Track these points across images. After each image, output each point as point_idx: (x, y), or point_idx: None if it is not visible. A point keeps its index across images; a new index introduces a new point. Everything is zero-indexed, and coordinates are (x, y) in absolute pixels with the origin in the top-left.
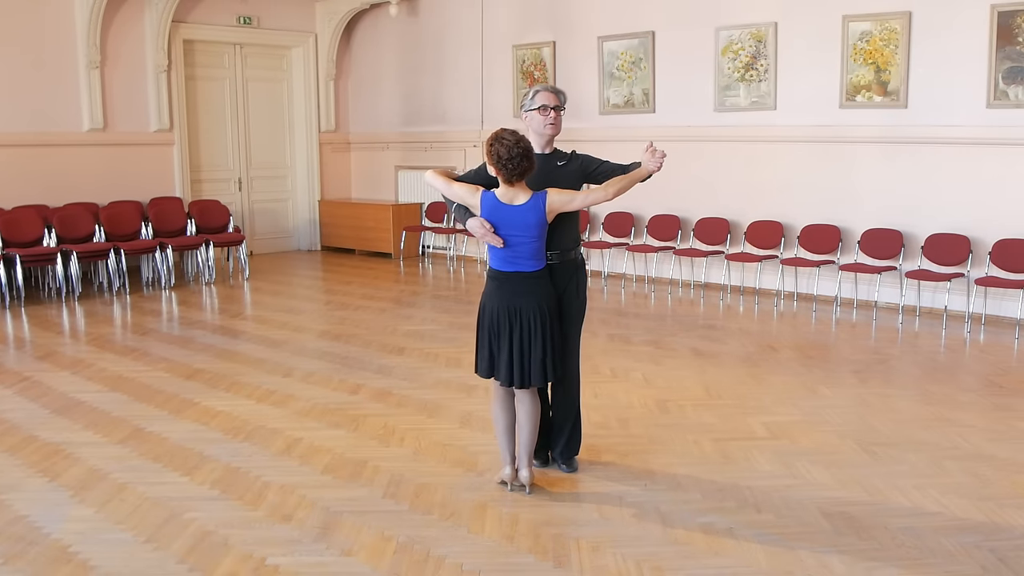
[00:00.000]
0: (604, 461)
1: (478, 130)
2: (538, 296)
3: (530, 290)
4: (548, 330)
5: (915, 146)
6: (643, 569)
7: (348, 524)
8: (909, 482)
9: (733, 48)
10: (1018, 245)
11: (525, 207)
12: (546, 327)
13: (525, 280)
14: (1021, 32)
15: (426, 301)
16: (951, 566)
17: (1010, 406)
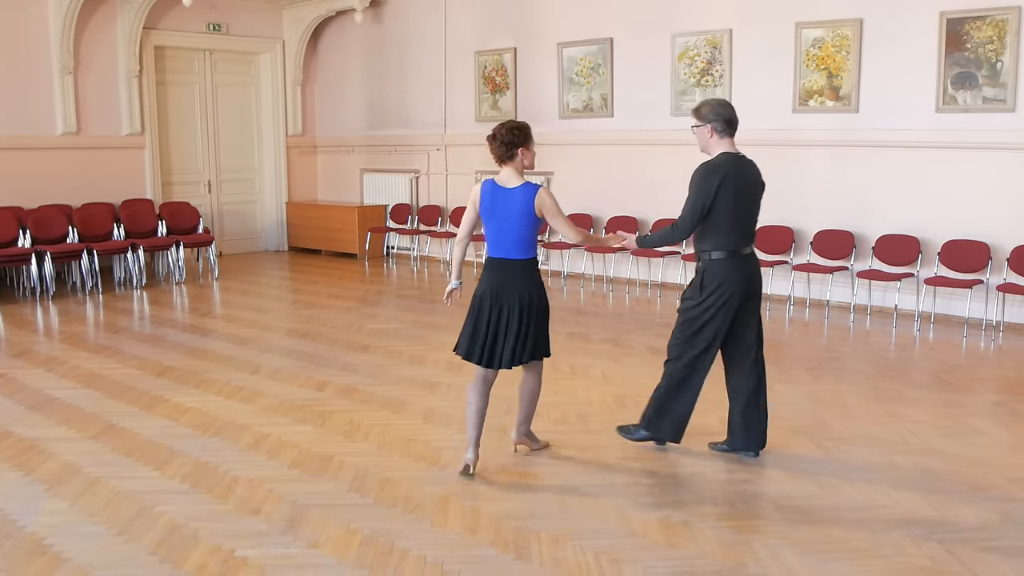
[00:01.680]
0: (564, 456)
1: (441, 134)
2: (519, 285)
3: (512, 279)
4: (523, 319)
5: (866, 149)
6: (601, 561)
7: (315, 517)
8: (860, 476)
9: (689, 54)
10: (966, 246)
11: (515, 191)
12: (522, 316)
13: (510, 268)
14: (969, 39)
15: (390, 300)
16: (901, 557)
17: (958, 402)
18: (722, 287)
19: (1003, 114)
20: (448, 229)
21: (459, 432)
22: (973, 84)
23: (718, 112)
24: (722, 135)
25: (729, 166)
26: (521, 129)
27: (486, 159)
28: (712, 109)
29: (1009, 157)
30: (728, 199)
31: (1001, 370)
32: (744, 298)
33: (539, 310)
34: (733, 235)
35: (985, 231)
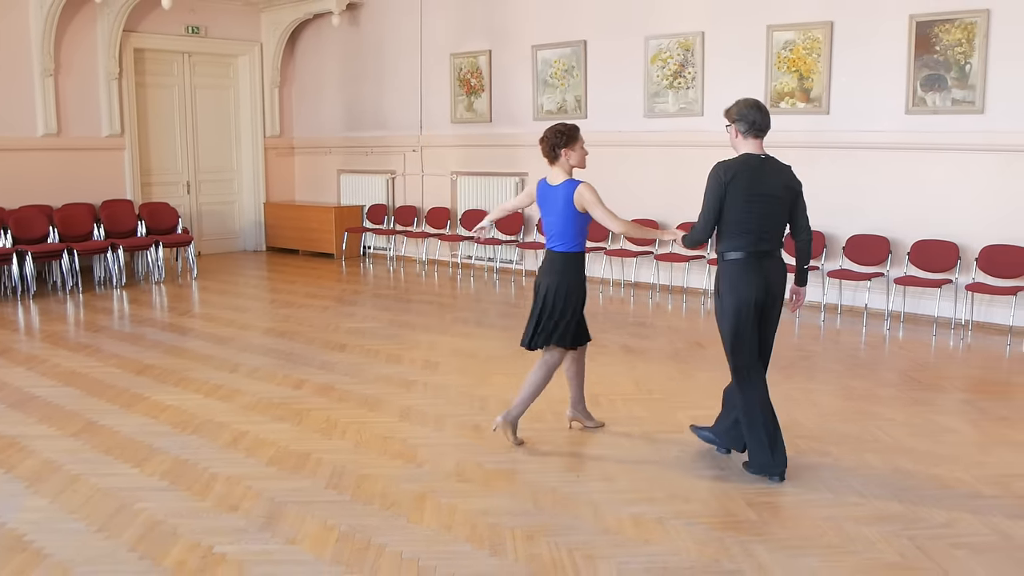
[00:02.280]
0: (539, 453)
1: (417, 135)
2: (553, 274)
3: (551, 268)
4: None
5: (837, 151)
6: (575, 557)
7: (292, 514)
8: (831, 473)
9: (662, 56)
10: (935, 246)
11: (559, 188)
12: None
13: (552, 258)
14: (939, 41)
15: (367, 300)
16: (871, 554)
17: (928, 400)
18: (734, 291)
19: (972, 116)
20: (424, 229)
21: (436, 430)
22: (942, 86)
23: (742, 113)
24: (746, 136)
25: (742, 166)
26: (564, 132)
27: (462, 160)
28: (738, 110)
29: (978, 158)
30: (738, 200)
31: (970, 369)
32: (761, 303)
33: (564, 300)
34: (747, 237)
35: (954, 231)
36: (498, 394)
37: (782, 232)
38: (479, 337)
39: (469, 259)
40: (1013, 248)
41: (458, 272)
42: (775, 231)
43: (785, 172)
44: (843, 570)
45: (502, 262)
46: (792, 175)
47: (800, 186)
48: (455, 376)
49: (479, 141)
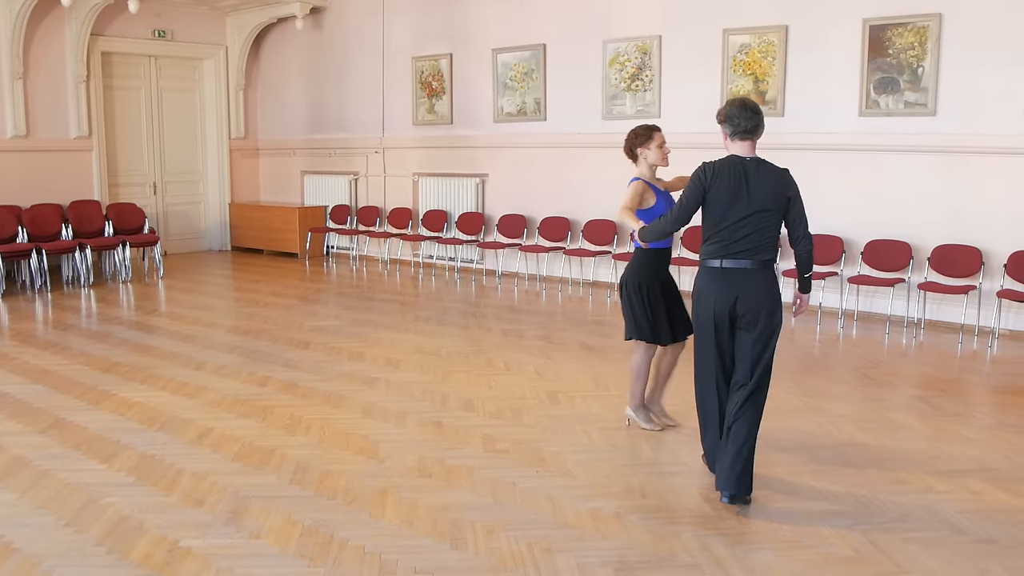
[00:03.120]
0: (498, 449)
1: (379, 137)
2: (627, 271)
3: (629, 264)
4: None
5: (791, 152)
6: (534, 551)
7: (257, 509)
8: (785, 469)
9: (620, 60)
10: (888, 246)
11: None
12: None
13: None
14: (891, 45)
15: (330, 298)
16: (825, 548)
17: (880, 397)
18: (697, 299)
19: (924, 118)
20: (386, 229)
21: (397, 426)
22: (895, 89)
23: (728, 114)
24: (733, 138)
25: (726, 169)
26: (639, 132)
27: (423, 161)
28: (726, 111)
29: (930, 160)
30: (720, 205)
31: (922, 366)
32: (723, 317)
33: (635, 294)
34: (723, 246)
35: (906, 231)
36: (459, 391)
37: (770, 243)
38: (440, 335)
39: (430, 258)
40: (964, 248)
41: (419, 271)
42: (760, 242)
43: (777, 177)
44: (797, 564)
45: (463, 261)
46: (786, 180)
47: (795, 191)
48: (416, 373)
49: (440, 143)
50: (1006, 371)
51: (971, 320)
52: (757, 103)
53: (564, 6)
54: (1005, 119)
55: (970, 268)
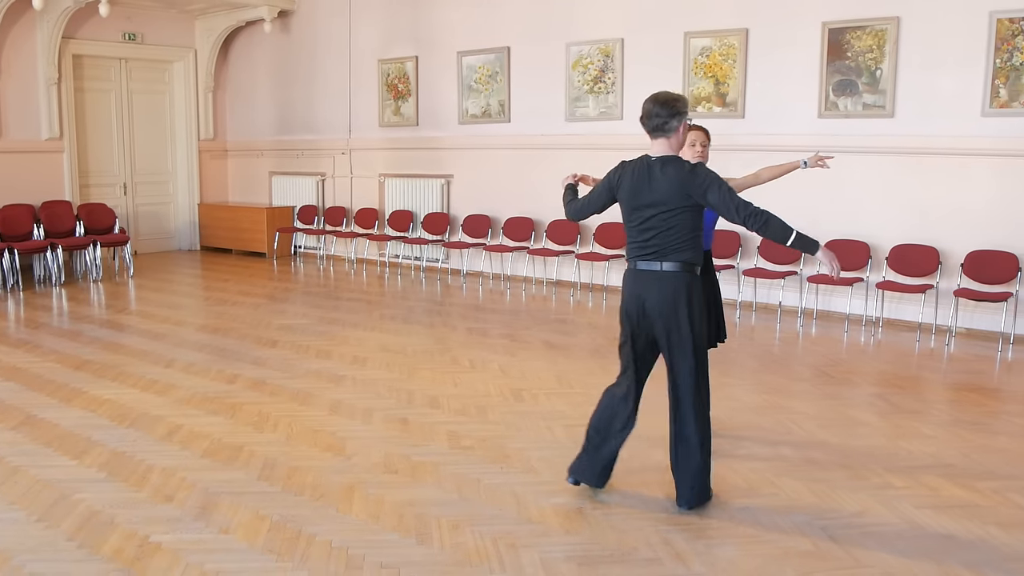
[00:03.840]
0: (463, 446)
1: (346, 138)
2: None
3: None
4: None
5: (751, 154)
6: (499, 546)
7: (225, 504)
8: (746, 465)
9: (583, 62)
10: (847, 246)
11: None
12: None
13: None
14: (850, 48)
15: (298, 297)
16: (785, 543)
17: (839, 395)
18: (621, 298)
19: (882, 119)
20: (353, 229)
21: (364, 423)
22: (854, 91)
23: (641, 113)
24: (649, 135)
25: (632, 169)
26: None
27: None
28: (641, 109)
29: (888, 160)
30: (624, 206)
31: (880, 364)
32: (636, 319)
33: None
34: (631, 244)
35: (865, 231)
36: (424, 388)
37: (681, 244)
38: (406, 333)
39: (396, 258)
40: (922, 247)
41: (386, 271)
42: (667, 243)
43: (681, 176)
44: (757, 559)
45: (428, 261)
46: (692, 177)
47: (706, 184)
48: (383, 371)
49: (406, 144)
50: (963, 369)
51: (928, 319)
52: (676, 97)
53: (528, 9)
54: (962, 120)
55: (927, 267)
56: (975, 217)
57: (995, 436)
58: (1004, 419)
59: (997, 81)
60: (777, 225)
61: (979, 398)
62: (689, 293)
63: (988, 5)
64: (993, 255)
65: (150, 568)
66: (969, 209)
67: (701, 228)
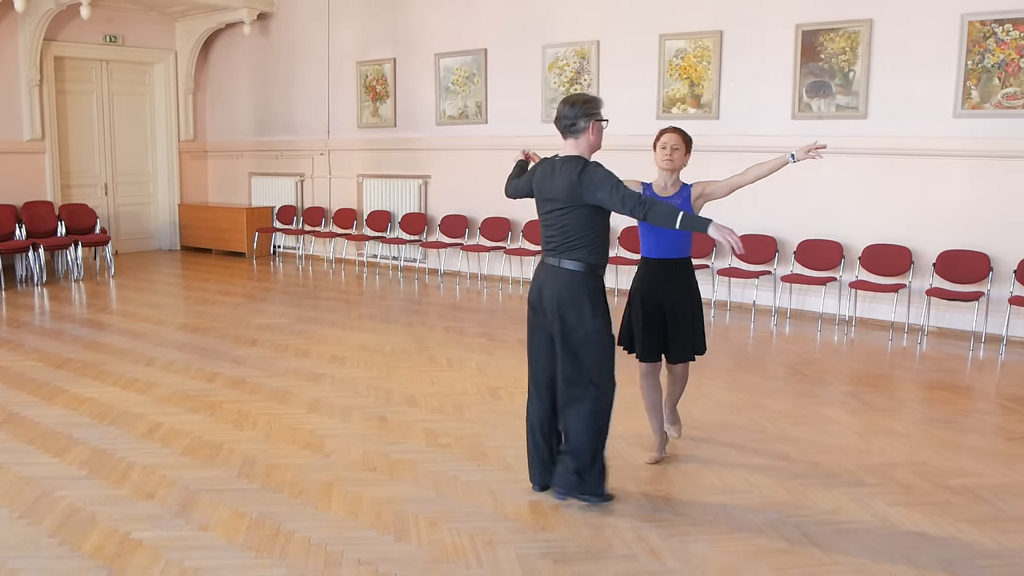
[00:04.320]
0: (441, 443)
1: (324, 139)
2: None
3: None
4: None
5: (726, 155)
6: (476, 542)
7: (205, 501)
8: (720, 463)
9: (559, 64)
10: (820, 245)
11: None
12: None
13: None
14: (823, 50)
15: (277, 297)
16: (758, 540)
17: (812, 393)
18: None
19: (855, 121)
20: (331, 229)
21: (342, 421)
22: (827, 92)
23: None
24: (561, 136)
25: (543, 164)
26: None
27: (367, 163)
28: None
29: (861, 161)
30: (536, 202)
31: (853, 362)
32: (536, 311)
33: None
34: (541, 239)
35: (838, 231)
36: (402, 387)
37: (575, 241)
38: (384, 332)
39: (375, 258)
40: (894, 247)
41: (364, 270)
42: (563, 240)
43: (572, 175)
44: (731, 556)
45: (406, 261)
46: (581, 176)
47: (594, 183)
48: (361, 370)
49: (384, 145)
50: (935, 367)
51: (901, 318)
52: (586, 99)
53: (505, 12)
54: (934, 121)
55: (900, 267)
56: (947, 217)
57: (966, 434)
58: (975, 417)
59: (969, 83)
60: (662, 210)
61: (951, 396)
62: (587, 292)
63: (960, 7)
64: (965, 255)
65: (130, 565)
66: (941, 209)
67: (601, 228)
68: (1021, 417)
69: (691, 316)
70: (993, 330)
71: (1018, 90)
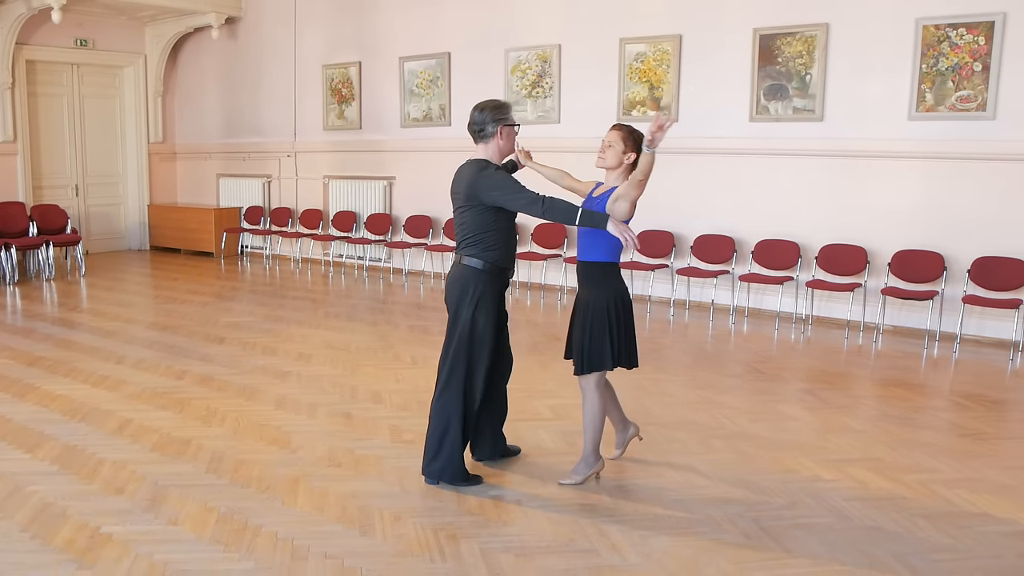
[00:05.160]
0: (405, 439)
1: (291, 141)
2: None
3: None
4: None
5: (685, 156)
6: (439, 537)
7: (174, 496)
8: (680, 459)
9: (521, 67)
10: (777, 245)
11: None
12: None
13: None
14: (781, 53)
15: (244, 296)
16: (718, 534)
17: (770, 390)
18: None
19: (811, 123)
20: (298, 229)
21: (309, 417)
22: (784, 95)
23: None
24: (473, 140)
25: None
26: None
27: (333, 165)
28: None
29: (817, 163)
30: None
31: (809, 360)
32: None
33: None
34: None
35: (795, 231)
36: (367, 384)
37: (470, 239)
38: (350, 331)
39: (340, 258)
40: (850, 247)
41: (330, 270)
42: (462, 237)
43: (470, 176)
44: (690, 549)
45: (371, 260)
46: (477, 178)
47: (489, 184)
48: (327, 367)
49: (350, 147)
50: (890, 365)
51: (857, 316)
52: (495, 105)
53: (468, 16)
54: (889, 124)
55: (855, 267)
56: (902, 218)
57: (921, 430)
58: (929, 414)
59: (923, 86)
60: (560, 207)
61: (905, 393)
62: (474, 289)
63: (915, 12)
64: (919, 255)
65: (101, 558)
66: (896, 210)
67: (501, 229)
68: (974, 414)
69: (580, 326)
70: (947, 328)
71: (971, 93)
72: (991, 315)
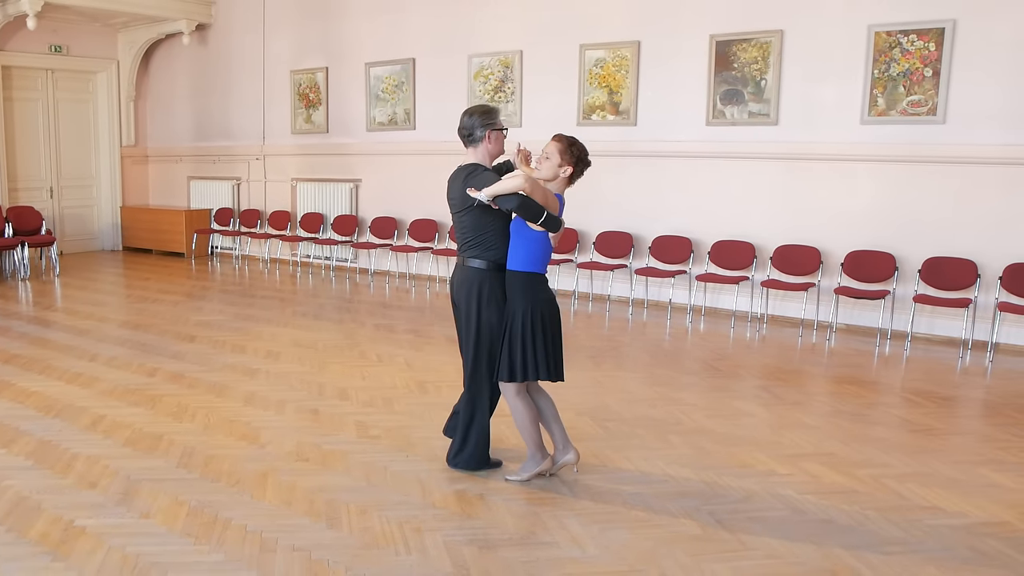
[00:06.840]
0: (371, 435)
1: (260, 145)
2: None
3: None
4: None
5: (643, 159)
6: (404, 530)
7: (146, 490)
8: (638, 454)
9: (484, 73)
10: (733, 246)
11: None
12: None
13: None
14: (736, 59)
15: (215, 295)
16: (675, 527)
17: (726, 387)
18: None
19: (766, 127)
20: (266, 231)
21: (277, 414)
22: (740, 100)
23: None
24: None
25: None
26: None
27: (301, 167)
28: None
29: (772, 166)
30: None
31: (764, 358)
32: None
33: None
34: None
35: (750, 232)
36: (334, 381)
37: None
38: (317, 329)
39: (308, 258)
40: (803, 248)
41: (298, 270)
42: (463, 240)
43: (459, 180)
44: (649, 542)
45: (338, 261)
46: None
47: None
48: (295, 365)
49: (317, 150)
50: (842, 363)
51: (810, 315)
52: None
53: (432, 23)
54: (842, 128)
55: (809, 267)
56: (854, 219)
57: (873, 426)
58: (881, 410)
59: (875, 90)
60: (530, 206)
61: (858, 390)
62: (480, 288)
63: (867, 19)
64: (871, 255)
65: (75, 551)
66: (849, 212)
67: (498, 228)
68: (925, 410)
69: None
70: (898, 327)
71: (922, 98)
72: (941, 314)
